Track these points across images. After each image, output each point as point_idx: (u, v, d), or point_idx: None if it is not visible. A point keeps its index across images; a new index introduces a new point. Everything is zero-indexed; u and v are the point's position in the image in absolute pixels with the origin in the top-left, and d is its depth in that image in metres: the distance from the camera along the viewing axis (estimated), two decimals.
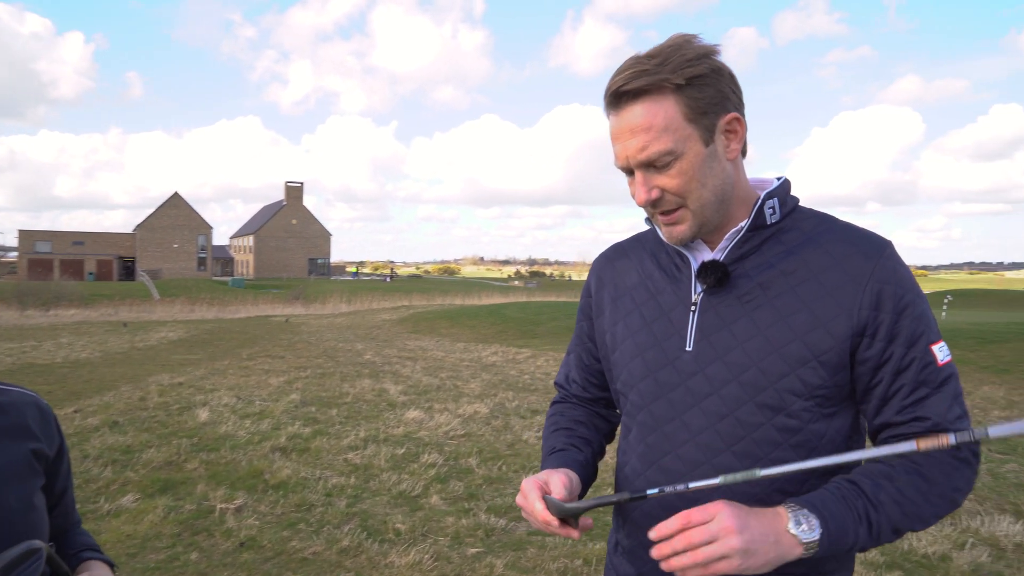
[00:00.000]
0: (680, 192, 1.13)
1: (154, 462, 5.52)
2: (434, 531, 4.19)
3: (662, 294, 1.25)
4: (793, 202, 1.22)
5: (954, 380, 1.12)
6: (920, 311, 1.12)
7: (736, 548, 0.97)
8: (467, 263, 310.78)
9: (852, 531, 1.03)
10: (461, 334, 17.52)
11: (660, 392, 1.21)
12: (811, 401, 1.12)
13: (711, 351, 1.16)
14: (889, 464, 1.09)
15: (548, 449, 1.35)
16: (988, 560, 3.74)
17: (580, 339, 1.44)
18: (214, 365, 11.55)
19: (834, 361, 1.11)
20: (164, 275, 71.95)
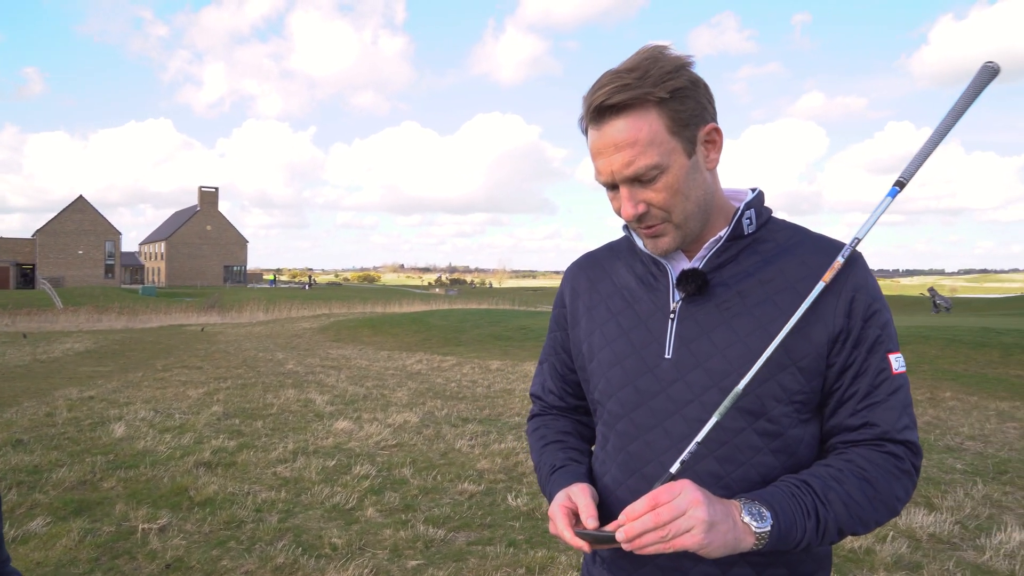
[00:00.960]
0: (666, 206, 1.15)
1: (66, 482, 5.20)
2: (371, 545, 4.10)
3: (639, 303, 1.26)
4: (767, 213, 1.25)
5: (905, 390, 1.17)
6: (884, 320, 1.17)
7: (703, 519, 0.99)
8: (387, 271, 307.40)
9: (801, 526, 1.06)
10: (384, 342, 17.29)
11: (641, 400, 1.21)
12: (790, 407, 1.14)
13: (691, 358, 1.17)
14: (838, 468, 1.13)
15: (549, 467, 1.33)
16: (907, 551, 3.93)
17: (554, 349, 1.43)
18: (127, 377, 11.02)
19: (811, 367, 1.14)
20: (67, 283, 68.24)
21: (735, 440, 1.15)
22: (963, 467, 5.73)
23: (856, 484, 1.10)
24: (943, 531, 4.23)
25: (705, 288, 1.19)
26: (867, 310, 1.15)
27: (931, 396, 8.92)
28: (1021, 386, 9.34)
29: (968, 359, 10.96)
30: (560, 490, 1.21)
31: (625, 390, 1.23)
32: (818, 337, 1.14)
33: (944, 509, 4.64)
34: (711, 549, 1.01)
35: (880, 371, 1.15)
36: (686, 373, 1.17)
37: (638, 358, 1.22)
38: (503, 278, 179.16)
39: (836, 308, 1.14)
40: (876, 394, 1.14)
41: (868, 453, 1.14)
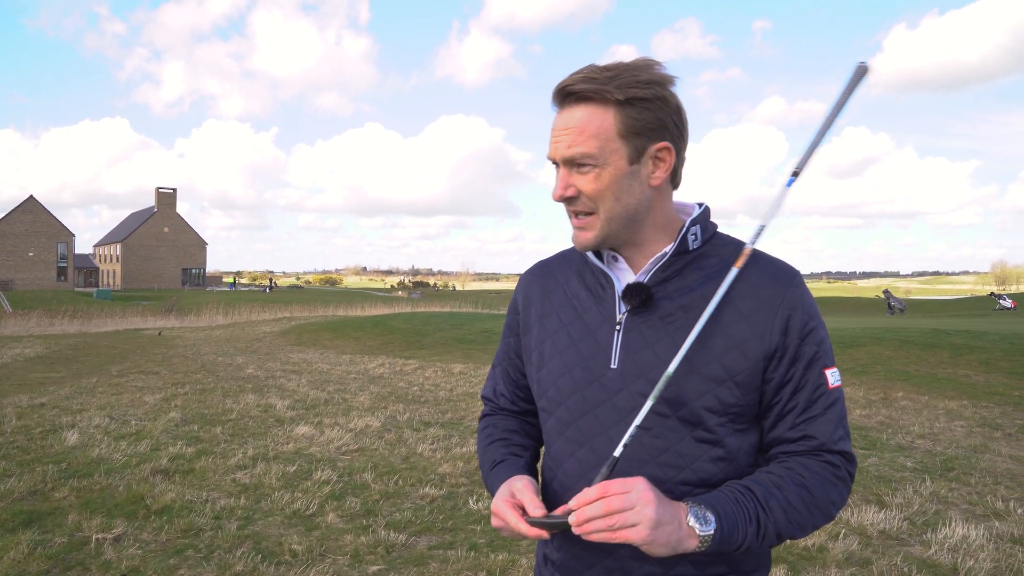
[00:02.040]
0: (593, 197, 1.20)
1: (15, 493, 5.07)
2: (332, 550, 4.08)
3: (588, 313, 1.31)
4: (713, 228, 1.30)
5: (840, 403, 1.24)
6: (820, 337, 1.23)
7: (650, 517, 1.05)
8: (349, 273, 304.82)
9: (742, 531, 1.12)
10: (346, 346, 17.15)
11: (587, 408, 1.26)
12: (725, 417, 1.20)
13: (635, 369, 1.22)
14: (779, 475, 1.19)
15: (489, 463, 1.38)
16: (858, 548, 4.04)
17: (507, 355, 1.48)
18: (80, 383, 10.76)
19: (747, 381, 1.20)
20: (17, 286, 66.30)
21: (675, 447, 1.20)
22: (913, 465, 5.90)
23: (795, 491, 1.16)
24: (892, 527, 4.36)
25: (649, 302, 1.24)
26: (803, 328, 1.21)
27: (884, 396, 9.16)
28: (968, 386, 9.64)
29: (920, 360, 11.27)
30: (502, 483, 1.26)
31: (573, 398, 1.28)
32: (754, 353, 1.19)
33: (894, 506, 4.78)
34: (653, 547, 1.06)
35: (817, 386, 1.21)
36: (630, 383, 1.22)
37: (586, 368, 1.27)
38: (466, 281, 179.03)
39: (772, 326, 1.20)
40: (813, 408, 1.21)
41: (807, 462, 1.20)
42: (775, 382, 1.20)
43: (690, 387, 1.19)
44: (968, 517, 4.59)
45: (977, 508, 4.79)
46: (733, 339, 1.19)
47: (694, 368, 1.19)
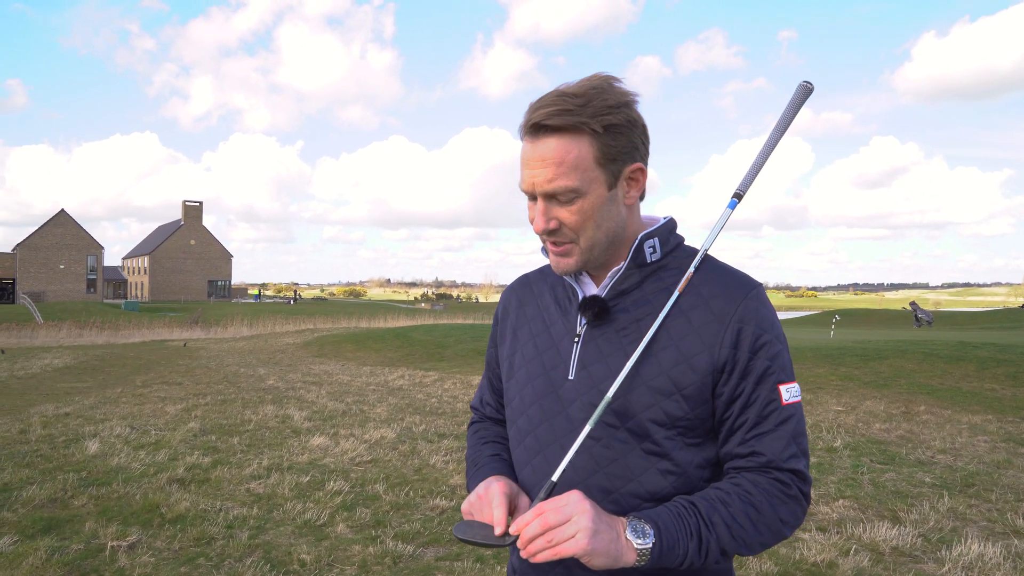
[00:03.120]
0: (575, 228, 1.21)
1: (36, 500, 5.17)
2: (340, 560, 4.11)
3: (554, 325, 1.34)
4: (676, 241, 1.31)
5: (795, 421, 1.21)
6: (775, 352, 1.21)
7: (586, 526, 1.05)
8: (373, 285, 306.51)
9: (683, 546, 1.11)
10: (367, 357, 17.26)
11: (544, 417, 1.28)
12: (673, 430, 1.20)
13: (588, 380, 1.24)
14: (726, 492, 1.17)
15: (474, 464, 1.40)
16: (869, 564, 3.99)
17: (490, 364, 1.52)
18: (105, 393, 10.95)
19: (695, 395, 1.19)
20: (48, 298, 67.62)
21: (623, 459, 1.21)
22: (932, 480, 5.80)
23: (741, 507, 1.16)
24: (906, 544, 4.30)
25: (604, 315, 1.25)
26: (755, 342, 1.20)
27: (905, 410, 9.03)
28: (994, 400, 9.47)
29: (944, 373, 11.10)
30: (480, 482, 1.27)
31: (533, 408, 1.30)
32: (702, 366, 1.18)
33: (909, 523, 4.71)
34: (594, 558, 1.06)
35: (768, 402, 1.20)
36: (583, 394, 1.24)
37: (546, 379, 1.29)
38: (489, 292, 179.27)
39: (722, 339, 1.19)
40: (764, 424, 1.19)
41: (755, 478, 1.19)
42: (725, 396, 1.19)
43: (637, 399, 1.19)
44: (986, 534, 4.51)
45: (996, 525, 4.71)
46: (682, 352, 1.19)
47: (642, 380, 1.19)
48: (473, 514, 1.20)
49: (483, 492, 1.20)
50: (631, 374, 1.19)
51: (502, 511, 1.15)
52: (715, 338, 1.19)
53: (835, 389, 10.48)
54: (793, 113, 1.26)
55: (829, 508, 5.03)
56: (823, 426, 7.99)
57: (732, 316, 1.20)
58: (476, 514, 1.19)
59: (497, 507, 1.16)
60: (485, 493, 1.20)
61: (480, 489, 1.22)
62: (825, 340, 17.12)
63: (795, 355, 12.79)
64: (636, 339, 1.22)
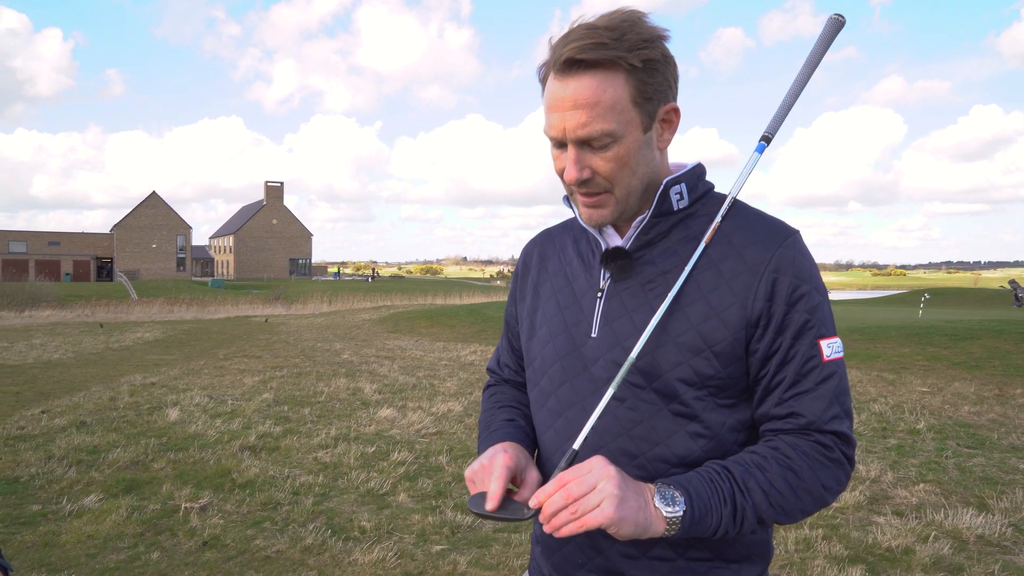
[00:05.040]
0: (611, 177, 1.11)
1: (120, 462, 5.44)
2: (400, 529, 4.16)
3: (577, 280, 1.25)
4: (705, 187, 1.20)
5: (837, 378, 1.11)
6: (814, 303, 1.10)
7: (613, 493, 0.97)
8: (450, 263, 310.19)
9: (716, 514, 1.03)
10: (441, 333, 17.46)
11: (566, 378, 1.20)
12: (703, 390, 1.11)
13: (612, 338, 1.16)
14: (763, 455, 1.08)
15: (492, 424, 1.32)
16: (950, 552, 3.76)
17: (509, 323, 1.45)
18: (189, 365, 11.43)
19: (727, 352, 1.10)
20: (142, 276, 71.25)
21: (650, 421, 1.12)
22: None
23: (779, 472, 1.07)
24: (993, 533, 4.03)
25: (629, 267, 1.16)
26: (792, 293, 1.09)
27: (999, 393, 8.50)
28: None
29: None
30: (489, 447, 1.20)
31: (554, 367, 1.22)
32: (734, 321, 1.09)
33: (998, 510, 4.42)
34: (622, 527, 0.99)
35: (808, 359, 1.09)
36: (606, 352, 1.16)
37: (568, 336, 1.21)
38: None
39: (756, 291, 1.09)
40: (803, 383, 1.09)
41: (795, 441, 1.09)
42: (760, 353, 1.10)
43: (664, 357, 1.11)
44: None
45: None
46: (712, 305, 1.10)
47: (670, 336, 1.11)
48: (475, 483, 1.13)
49: (487, 461, 1.13)
50: (658, 330, 1.11)
51: (499, 485, 1.07)
52: (748, 290, 1.09)
53: (920, 370, 9.97)
54: (823, 49, 1.16)
55: (908, 492, 4.77)
56: (906, 407, 7.60)
57: (767, 265, 1.10)
58: (478, 484, 1.12)
59: (495, 479, 1.07)
60: (489, 463, 1.12)
61: (484, 458, 1.15)
62: (912, 319, 16.32)
63: (878, 333, 12.24)
64: (663, 293, 1.13)
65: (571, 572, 1.20)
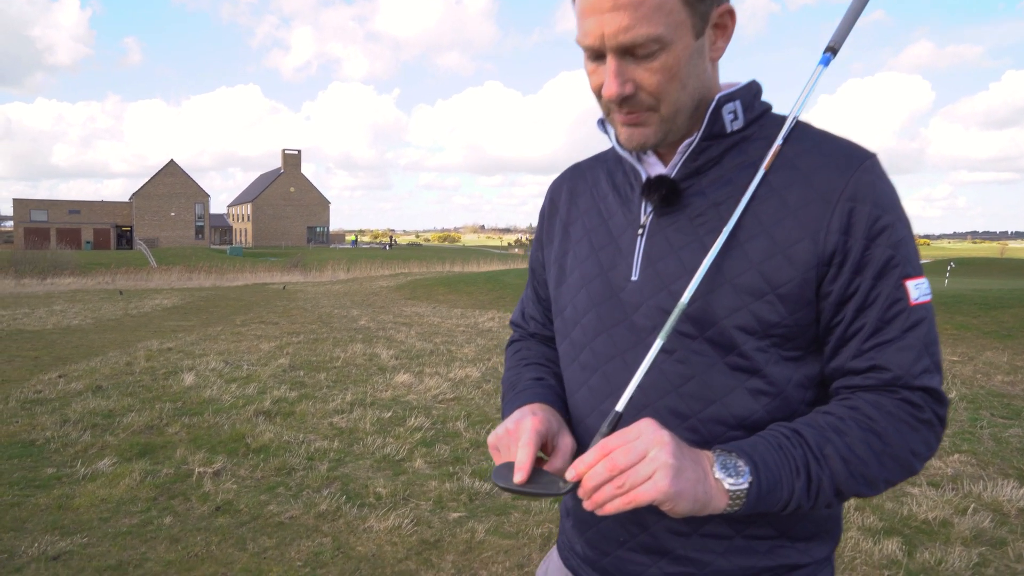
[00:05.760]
0: (658, 92, 0.93)
1: (134, 426, 5.39)
2: (416, 495, 4.05)
3: (613, 217, 1.08)
4: (762, 107, 1.02)
5: (927, 326, 0.93)
6: (899, 237, 0.93)
7: (667, 463, 0.82)
8: (468, 231, 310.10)
9: (787, 485, 0.87)
10: (458, 300, 17.36)
11: (602, 327, 1.04)
12: (766, 340, 0.94)
13: (656, 280, 0.99)
14: (839, 417, 0.92)
15: (517, 384, 1.16)
16: (991, 526, 3.60)
17: (534, 270, 1.28)
18: (206, 331, 11.41)
19: (794, 295, 0.93)
20: (161, 243, 71.78)
21: (703, 376, 0.96)
22: None
23: (860, 436, 0.90)
24: None
25: (674, 198, 0.99)
26: (873, 225, 0.91)
27: None
28: None
29: None
30: (515, 410, 1.04)
31: (588, 316, 1.06)
32: (803, 259, 0.92)
33: None
34: (678, 503, 0.83)
35: (893, 302, 0.92)
36: (649, 297, 0.99)
37: (604, 281, 1.05)
38: None
39: (829, 222, 0.92)
40: (887, 331, 0.92)
41: (877, 399, 0.92)
42: (834, 296, 0.93)
43: (720, 301, 0.94)
44: None
45: None
46: (776, 241, 0.93)
47: (726, 277, 0.94)
48: (499, 451, 0.98)
49: (512, 426, 0.97)
50: (711, 270, 0.94)
51: (527, 453, 0.91)
52: (819, 222, 0.92)
53: (949, 338, 9.72)
54: None
55: (943, 462, 4.60)
56: None
57: (841, 193, 0.92)
58: (503, 452, 0.97)
59: (523, 447, 0.92)
60: (515, 428, 0.97)
61: (510, 422, 0.99)
62: (938, 288, 15.99)
63: None
64: (715, 228, 0.96)
65: (609, 550, 1.05)
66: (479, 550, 3.40)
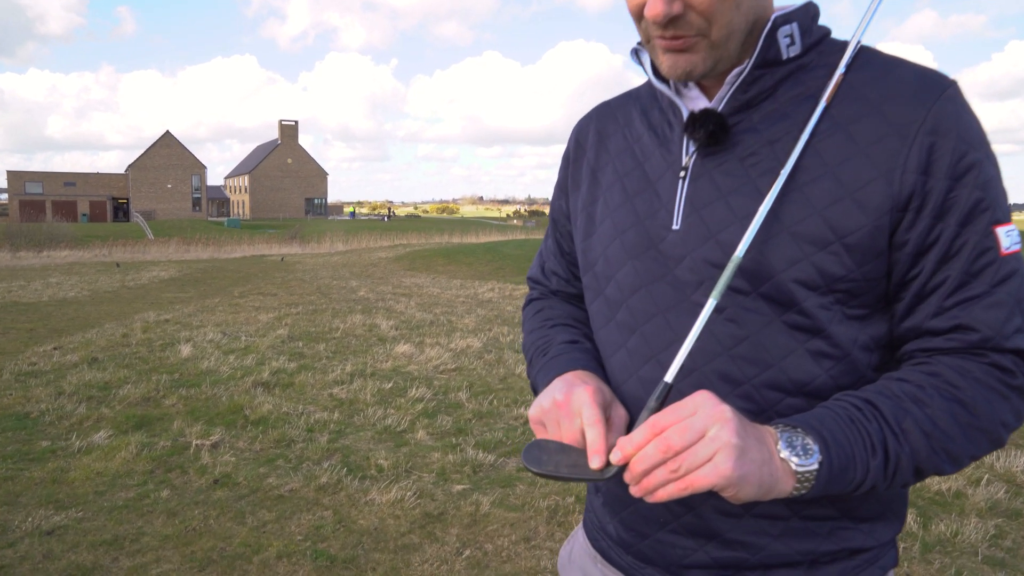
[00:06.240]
0: (709, 11, 0.79)
1: (131, 398, 5.30)
2: (418, 467, 3.97)
3: (650, 159, 0.95)
4: (821, 32, 0.88)
5: (1020, 278, 0.81)
6: (987, 177, 0.79)
7: (730, 443, 0.70)
8: (466, 203, 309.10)
9: (861, 464, 0.76)
10: (458, 271, 17.24)
11: (640, 283, 0.91)
12: (829, 296, 0.82)
13: (702, 229, 0.86)
14: (918, 384, 0.79)
15: (548, 348, 1.03)
16: (1005, 497, 3.53)
17: (557, 221, 1.13)
18: (204, 303, 11.30)
19: (864, 245, 0.80)
20: (158, 216, 71.43)
21: (758, 336, 0.83)
22: None
23: (944, 407, 0.78)
24: None
25: (722, 135, 0.85)
26: (957, 163, 0.78)
27: None
28: None
29: None
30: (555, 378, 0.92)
31: (623, 271, 0.93)
32: (875, 203, 0.79)
33: None
34: (742, 488, 0.71)
35: (981, 252, 0.79)
36: (694, 248, 0.87)
37: (641, 231, 0.92)
38: None
39: (905, 161, 0.78)
40: (974, 285, 0.79)
41: (963, 364, 0.80)
42: (912, 246, 0.80)
43: (777, 252, 0.82)
44: None
45: None
46: (843, 182, 0.80)
47: (784, 225, 0.82)
48: (546, 426, 0.85)
49: (563, 398, 0.84)
50: (768, 218, 0.81)
51: (598, 432, 0.79)
52: (894, 159, 0.79)
53: None
54: None
55: None
56: None
57: (920, 126, 0.78)
58: (551, 428, 0.84)
59: (591, 426, 0.80)
60: (567, 399, 0.84)
61: (558, 392, 0.86)
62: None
63: None
64: (770, 169, 0.83)
65: (648, 532, 0.93)
66: (484, 523, 3.32)
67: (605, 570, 1.02)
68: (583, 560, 1.07)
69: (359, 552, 3.05)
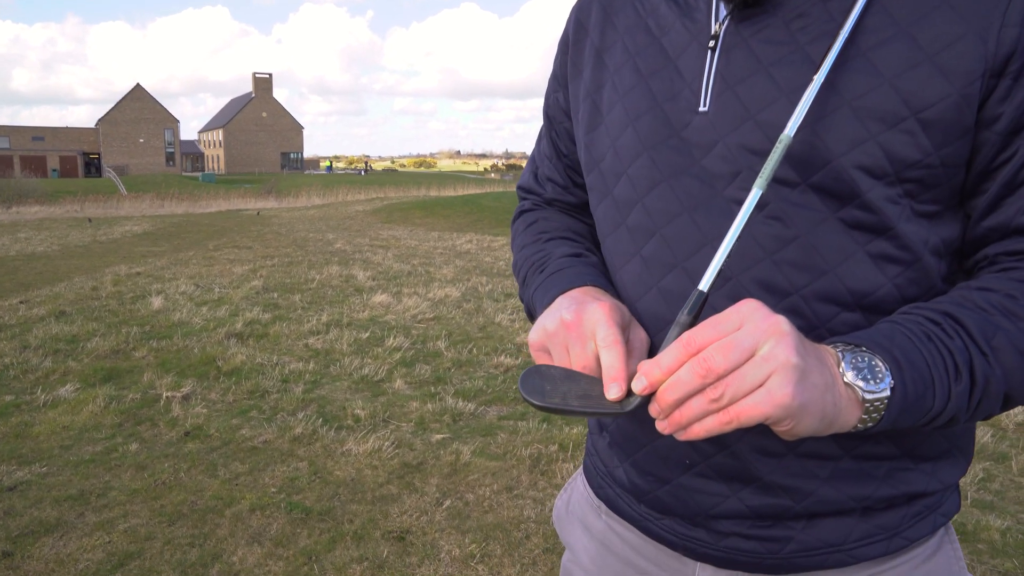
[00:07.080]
0: None
1: (99, 351, 5.13)
2: (396, 417, 3.87)
3: (669, 32, 0.76)
4: None
5: None
6: None
7: (788, 362, 0.54)
8: (443, 157, 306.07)
9: (941, 390, 0.61)
10: (435, 223, 17.03)
11: (659, 176, 0.74)
12: (898, 187, 0.65)
13: (738, 109, 0.69)
14: (1007, 292, 0.64)
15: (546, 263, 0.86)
16: (991, 441, 3.50)
17: (553, 116, 0.94)
18: (177, 256, 11.05)
19: (947, 120, 0.63)
20: (131, 171, 69.98)
21: (808, 236, 0.67)
22: None
23: None
24: None
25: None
26: None
27: None
28: None
29: None
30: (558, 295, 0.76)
31: (638, 164, 0.76)
32: (963, 67, 0.62)
33: None
34: (802, 420, 0.56)
35: None
36: (728, 133, 0.70)
37: (659, 115, 0.75)
38: None
39: (1004, 12, 0.61)
40: None
41: None
42: (1005, 122, 0.63)
43: (835, 132, 0.65)
44: None
45: None
46: (920, 43, 0.64)
47: (844, 99, 0.65)
48: (551, 351, 0.69)
49: (572, 317, 0.67)
50: (822, 90, 0.65)
51: (616, 354, 0.62)
52: (990, 11, 0.62)
53: None
54: None
55: None
56: None
57: None
58: (558, 354, 0.68)
59: (610, 347, 0.63)
60: (577, 319, 0.67)
61: (565, 311, 0.68)
62: None
63: None
64: (826, 32, 0.66)
65: (668, 476, 0.77)
66: (464, 472, 3.23)
67: (611, 522, 0.88)
68: (584, 511, 0.92)
69: (335, 504, 2.96)
